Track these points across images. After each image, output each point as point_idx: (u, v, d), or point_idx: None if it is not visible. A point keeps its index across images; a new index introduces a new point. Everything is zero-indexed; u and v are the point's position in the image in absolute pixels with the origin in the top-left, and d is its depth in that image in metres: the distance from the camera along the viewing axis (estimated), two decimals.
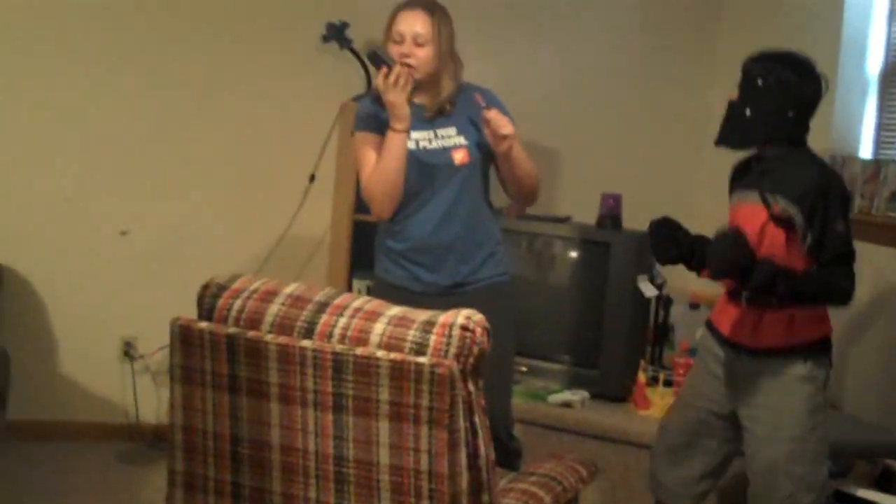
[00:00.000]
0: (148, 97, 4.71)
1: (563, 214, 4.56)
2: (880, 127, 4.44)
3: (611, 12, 5.26)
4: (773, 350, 3.08)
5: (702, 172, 5.40)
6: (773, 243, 3.02)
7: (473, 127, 3.41)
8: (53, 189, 4.65)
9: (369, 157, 3.34)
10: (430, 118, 3.38)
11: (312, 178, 4.84)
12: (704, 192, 5.42)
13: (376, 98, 3.34)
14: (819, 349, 3.09)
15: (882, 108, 4.44)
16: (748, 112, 3.07)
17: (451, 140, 3.39)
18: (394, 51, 3.27)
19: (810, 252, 2.98)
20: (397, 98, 3.20)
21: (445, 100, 3.39)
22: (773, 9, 4.96)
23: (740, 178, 3.23)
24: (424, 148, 3.36)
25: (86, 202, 4.68)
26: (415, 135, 3.35)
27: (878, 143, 4.45)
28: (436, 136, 3.39)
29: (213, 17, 4.75)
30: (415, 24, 3.29)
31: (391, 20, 3.33)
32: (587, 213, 4.44)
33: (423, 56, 3.30)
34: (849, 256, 3.00)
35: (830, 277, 2.98)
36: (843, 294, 2.99)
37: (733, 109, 3.12)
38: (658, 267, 4.21)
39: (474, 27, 5.00)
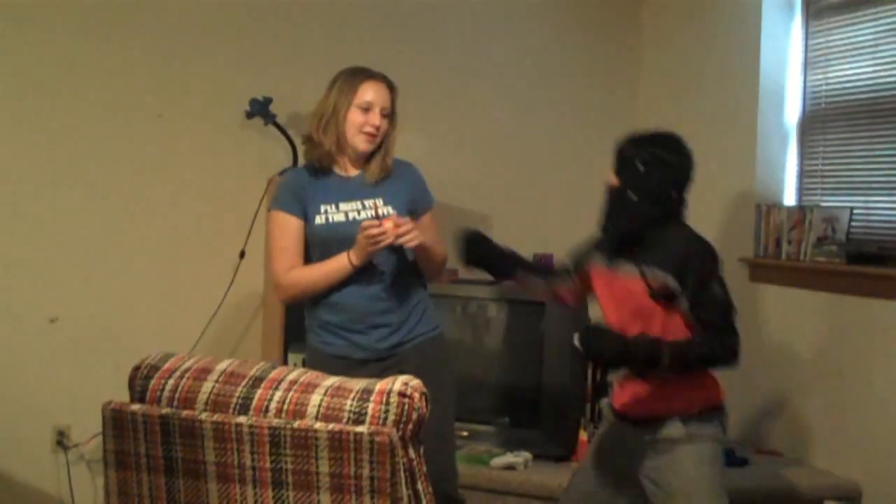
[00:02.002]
0: (73, 179, 4.65)
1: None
2: (802, 174, 4.53)
3: (532, 77, 5.33)
4: (651, 418, 3.12)
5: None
6: (652, 317, 3.06)
7: (398, 195, 3.46)
8: None
9: (284, 244, 3.38)
10: (357, 189, 3.42)
11: (242, 254, 4.80)
12: None
13: (312, 168, 3.42)
14: (699, 416, 3.09)
15: (803, 155, 4.53)
16: (633, 196, 3.10)
17: (381, 210, 3.40)
18: (360, 119, 3.35)
19: (690, 317, 3.02)
20: (374, 252, 3.27)
21: (387, 171, 3.45)
22: (692, 63, 5.06)
23: (602, 245, 3.27)
24: (354, 219, 3.37)
25: (12, 290, 4.59)
26: (343, 206, 3.39)
27: (801, 190, 4.53)
28: (363, 206, 3.41)
29: (137, 96, 4.72)
30: (382, 95, 3.40)
31: (354, 87, 3.37)
32: None
33: (384, 128, 3.41)
34: (728, 316, 3.02)
35: (714, 340, 2.99)
36: (729, 354, 3.00)
37: (617, 195, 3.14)
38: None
39: (402, 96, 5.06)
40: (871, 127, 4.16)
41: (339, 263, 3.32)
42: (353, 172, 3.46)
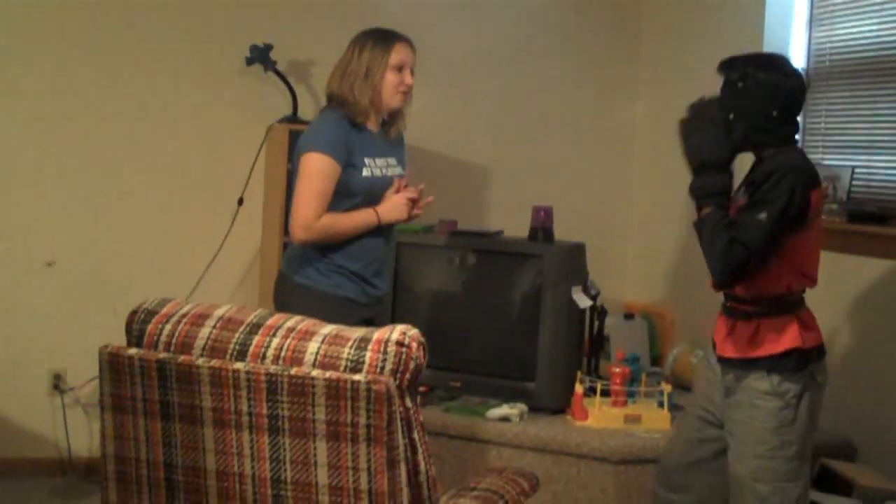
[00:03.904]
0: (72, 124, 4.64)
1: (494, 229, 4.55)
2: (805, 132, 4.50)
3: (536, 30, 5.29)
4: (738, 361, 3.04)
5: (632, 183, 5.45)
6: None
7: (402, 156, 3.67)
8: None
9: (324, 189, 3.39)
10: (384, 146, 3.57)
11: (241, 201, 4.79)
12: (634, 203, 5.47)
13: (349, 121, 3.46)
14: (785, 363, 2.99)
15: (806, 113, 4.49)
16: (731, 116, 3.03)
17: (395, 169, 3.59)
18: (396, 80, 3.48)
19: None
20: (408, 216, 3.53)
21: (403, 128, 3.64)
22: (696, 19, 5.02)
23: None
24: (382, 175, 3.52)
25: (9, 234, 4.59)
26: (378, 161, 3.51)
27: (804, 148, 4.50)
28: (387, 164, 3.56)
29: (137, 43, 4.70)
30: (411, 56, 3.54)
31: (388, 50, 3.48)
32: (519, 228, 4.45)
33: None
34: (736, 243, 2.88)
35: (716, 243, 2.90)
36: (709, 263, 2.93)
37: (722, 117, 3.06)
38: (592, 278, 4.23)
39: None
40: (875, 86, 4.14)
41: (367, 218, 3.46)
42: (377, 130, 3.57)
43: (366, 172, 3.46)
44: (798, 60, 4.49)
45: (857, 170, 4.13)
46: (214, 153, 4.84)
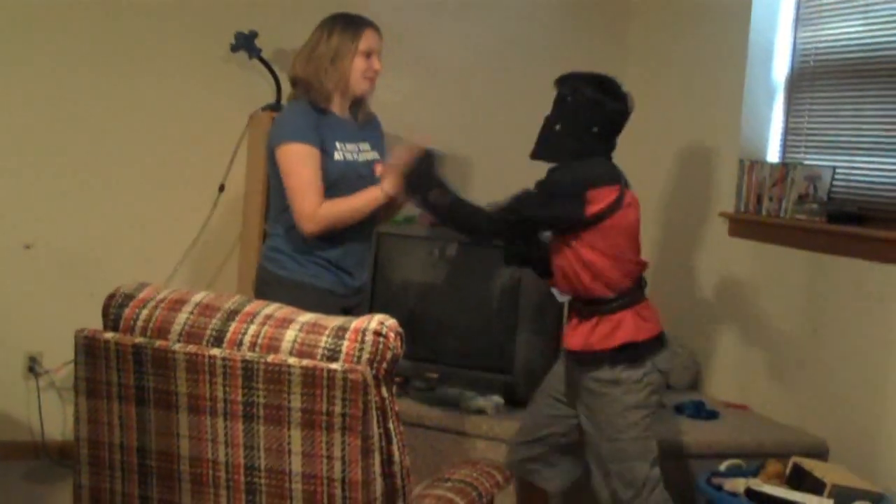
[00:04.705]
0: (52, 106, 4.61)
1: None
2: (787, 131, 4.52)
3: (523, 29, 5.28)
4: (579, 354, 3.30)
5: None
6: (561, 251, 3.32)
7: (378, 141, 3.63)
8: None
9: (313, 176, 3.36)
10: (353, 131, 3.52)
11: (222, 187, 4.78)
12: None
13: (314, 107, 3.42)
14: (621, 355, 3.22)
15: (789, 112, 4.52)
16: (558, 127, 3.31)
17: (370, 154, 3.55)
18: (364, 65, 3.46)
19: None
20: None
21: (370, 116, 3.62)
22: (682, 15, 5.03)
23: None
24: (354, 159, 3.48)
25: None
26: (349, 146, 3.47)
27: (785, 147, 4.52)
28: (358, 149, 3.51)
29: (121, 27, 4.67)
30: (379, 41, 3.52)
31: (357, 35, 3.46)
32: None
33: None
34: (511, 209, 3.27)
35: (482, 213, 3.28)
36: (473, 225, 3.35)
37: (545, 125, 3.37)
38: None
39: (387, 36, 5.01)
40: (859, 87, 4.15)
41: (372, 196, 3.42)
42: (345, 115, 3.53)
43: (338, 156, 3.42)
44: (783, 60, 4.51)
45: (838, 170, 4.15)
46: (197, 139, 4.81)
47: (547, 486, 3.52)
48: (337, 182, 3.41)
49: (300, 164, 3.35)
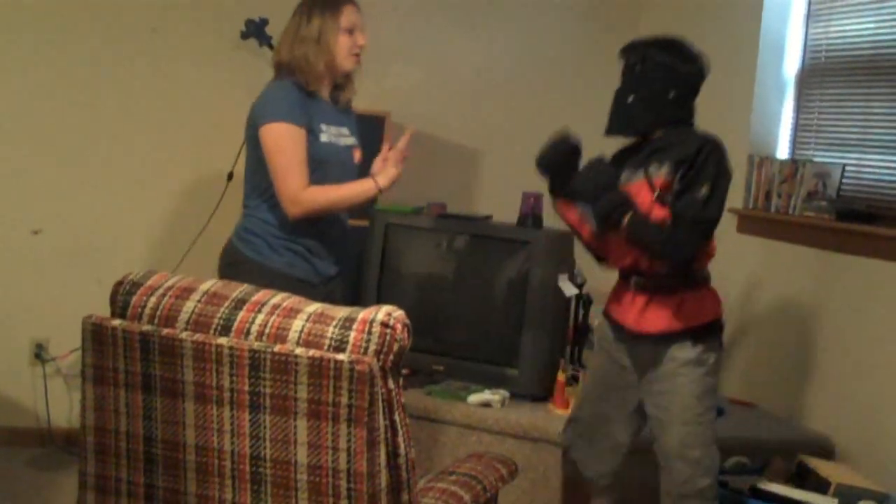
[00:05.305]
0: (62, 93, 4.61)
1: (483, 213, 4.55)
2: (797, 128, 4.50)
3: (530, 12, 5.27)
4: (661, 335, 3.14)
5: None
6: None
7: (354, 128, 3.60)
8: None
9: (300, 157, 3.33)
10: (337, 114, 3.51)
11: (231, 176, 4.77)
12: None
13: (301, 88, 3.39)
14: (707, 332, 3.14)
15: (799, 109, 4.50)
16: (631, 98, 3.15)
17: (349, 139, 3.53)
18: (349, 42, 3.42)
19: (672, 206, 3.03)
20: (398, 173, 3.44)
21: (352, 94, 3.57)
22: (694, 11, 5.02)
23: (627, 159, 3.25)
24: (337, 142, 3.46)
25: None
26: (332, 130, 3.44)
27: (795, 144, 4.51)
28: (340, 133, 3.49)
29: (130, 13, 4.66)
30: (359, 16, 3.47)
31: (338, 12, 3.42)
32: (508, 213, 4.44)
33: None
34: (697, 222, 3.00)
35: (669, 234, 3.00)
36: (670, 248, 3.03)
37: (617, 98, 3.22)
38: (579, 266, 4.22)
39: (397, 25, 5.00)
40: (870, 84, 4.13)
41: (364, 188, 3.41)
42: (329, 98, 3.52)
43: (324, 138, 3.40)
44: (794, 56, 4.49)
45: (847, 168, 4.13)
46: (205, 126, 4.81)
47: (587, 472, 3.43)
48: (321, 164, 3.38)
49: (287, 143, 3.32)
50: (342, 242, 3.57)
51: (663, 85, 3.12)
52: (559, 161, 3.22)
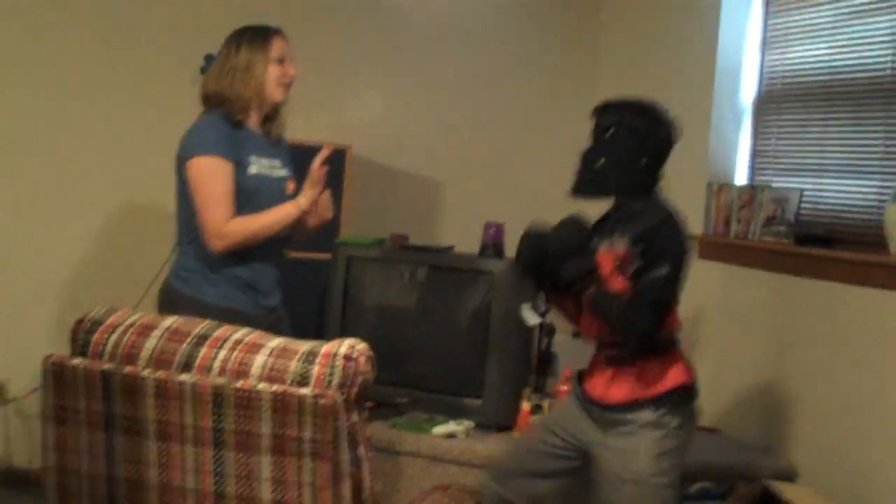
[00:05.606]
0: (19, 132, 4.58)
1: (445, 244, 4.55)
2: (755, 154, 4.55)
3: (490, 42, 5.31)
4: (624, 404, 3.09)
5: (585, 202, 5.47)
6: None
7: (287, 160, 3.59)
8: None
9: (226, 189, 3.32)
10: (267, 146, 3.50)
11: None
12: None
13: (229, 121, 3.39)
14: (670, 399, 3.07)
15: (756, 135, 4.54)
16: (602, 162, 3.11)
17: (280, 171, 3.53)
18: (278, 71, 3.42)
19: (633, 284, 2.99)
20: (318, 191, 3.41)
21: (283, 128, 3.56)
22: (651, 39, 5.07)
23: (600, 228, 3.23)
24: (269, 175, 3.46)
25: None
26: (263, 161, 3.44)
27: (753, 170, 4.55)
28: (271, 166, 3.50)
29: (88, 48, 4.65)
30: (288, 47, 3.49)
31: (268, 43, 3.43)
32: (471, 243, 4.44)
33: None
34: (656, 304, 2.98)
35: (628, 312, 2.97)
36: (632, 332, 2.99)
37: (585, 159, 3.17)
38: (541, 296, 4.22)
39: (359, 59, 5.02)
40: (826, 109, 4.18)
41: (285, 212, 3.38)
42: (258, 130, 3.50)
43: (253, 170, 3.39)
44: (750, 83, 4.54)
45: (805, 193, 4.17)
46: (165, 161, 4.75)
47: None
48: (252, 196, 3.37)
49: (211, 177, 3.31)
50: (277, 273, 3.55)
51: (637, 152, 3.09)
52: (537, 258, 3.18)
